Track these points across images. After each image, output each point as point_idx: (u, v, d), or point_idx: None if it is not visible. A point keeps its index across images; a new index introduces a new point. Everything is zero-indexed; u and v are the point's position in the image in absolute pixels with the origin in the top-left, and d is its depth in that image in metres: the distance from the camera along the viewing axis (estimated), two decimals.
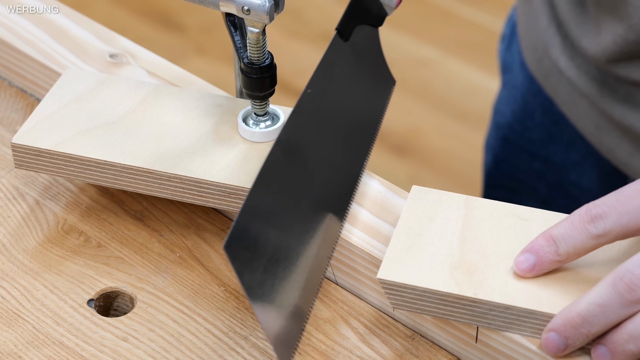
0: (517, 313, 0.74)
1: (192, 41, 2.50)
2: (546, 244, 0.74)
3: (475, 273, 0.75)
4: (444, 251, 0.77)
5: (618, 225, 0.71)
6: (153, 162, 0.84)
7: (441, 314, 0.76)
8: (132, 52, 0.97)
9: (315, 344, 0.79)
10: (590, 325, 0.71)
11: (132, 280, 0.84)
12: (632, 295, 0.69)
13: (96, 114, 0.87)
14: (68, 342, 0.79)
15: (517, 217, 0.79)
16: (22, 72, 0.98)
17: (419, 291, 0.75)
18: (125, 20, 2.54)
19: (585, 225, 0.72)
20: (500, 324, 0.75)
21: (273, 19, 0.80)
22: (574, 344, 0.72)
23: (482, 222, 0.79)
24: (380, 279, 0.75)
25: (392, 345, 0.79)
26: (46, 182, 0.91)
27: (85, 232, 0.87)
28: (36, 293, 0.82)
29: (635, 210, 0.71)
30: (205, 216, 0.88)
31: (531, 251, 0.74)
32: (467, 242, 0.77)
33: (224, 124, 0.87)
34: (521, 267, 0.74)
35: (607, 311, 0.70)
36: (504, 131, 1.20)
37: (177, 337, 0.80)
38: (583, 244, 0.72)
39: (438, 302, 0.75)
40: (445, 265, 0.76)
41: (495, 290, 0.74)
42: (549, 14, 1.07)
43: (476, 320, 0.75)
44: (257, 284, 0.70)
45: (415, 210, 0.80)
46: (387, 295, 0.76)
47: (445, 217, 0.79)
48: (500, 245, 0.77)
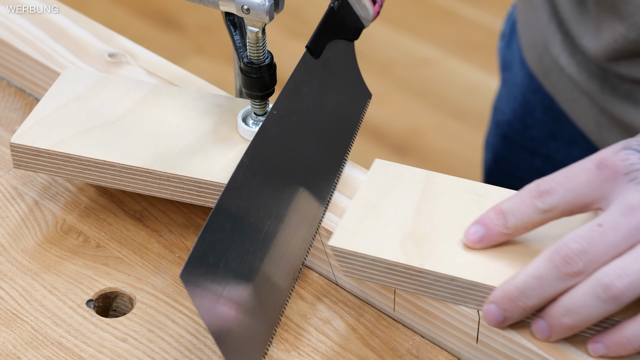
0: (462, 285, 0.75)
1: (192, 41, 2.50)
2: (495, 217, 0.75)
3: (425, 245, 0.77)
4: (398, 222, 0.78)
5: (563, 201, 0.72)
6: (152, 162, 0.83)
7: (389, 283, 0.77)
8: (132, 51, 0.97)
9: (315, 344, 0.79)
10: (527, 298, 0.72)
11: (131, 280, 0.83)
12: (567, 268, 0.70)
13: (95, 114, 0.87)
14: (67, 343, 0.79)
15: (474, 193, 0.80)
16: (21, 72, 0.98)
17: (368, 259, 0.77)
18: (124, 20, 2.54)
19: (533, 200, 0.73)
20: (446, 295, 0.76)
21: (273, 18, 0.80)
22: (512, 316, 0.73)
23: (439, 196, 0.80)
24: (332, 246, 0.77)
25: (393, 346, 0.79)
26: (45, 182, 0.90)
27: (84, 233, 0.87)
28: (35, 293, 0.82)
29: (580, 187, 0.72)
30: (204, 216, 0.88)
31: (481, 223, 0.75)
32: (421, 215, 0.79)
33: (224, 124, 0.87)
34: (470, 238, 0.76)
35: (543, 284, 0.71)
36: (504, 129, 1.19)
37: (176, 337, 0.79)
38: (530, 218, 0.73)
39: (386, 271, 0.77)
40: (397, 236, 0.77)
41: (442, 262, 0.76)
42: (549, 11, 1.07)
43: (422, 291, 0.77)
44: (216, 314, 0.71)
45: (375, 182, 0.81)
46: (338, 262, 0.78)
47: (403, 190, 0.81)
48: (454, 219, 0.78)
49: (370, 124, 2.26)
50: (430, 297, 0.77)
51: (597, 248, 0.70)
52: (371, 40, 2.34)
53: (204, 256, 0.71)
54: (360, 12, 0.88)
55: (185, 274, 0.69)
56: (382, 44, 2.42)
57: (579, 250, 0.70)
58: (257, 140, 0.79)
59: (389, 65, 2.42)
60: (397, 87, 2.40)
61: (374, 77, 2.37)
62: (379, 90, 2.36)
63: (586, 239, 0.70)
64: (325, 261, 0.83)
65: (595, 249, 0.70)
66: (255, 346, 0.75)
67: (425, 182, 0.81)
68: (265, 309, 0.77)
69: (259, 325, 0.76)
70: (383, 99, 2.34)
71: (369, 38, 0.93)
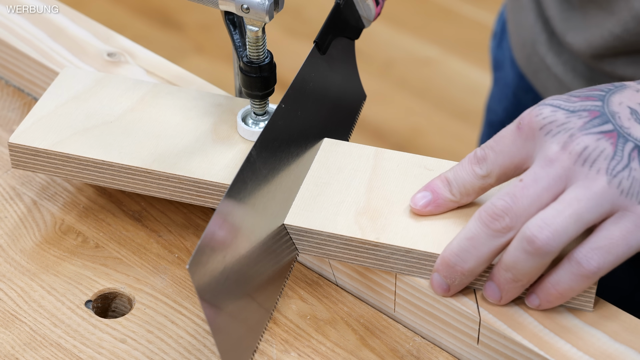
0: (417, 256, 0.77)
1: (191, 40, 2.50)
2: (441, 184, 0.78)
3: (379, 219, 0.79)
4: (350, 199, 0.80)
5: (497, 164, 0.75)
6: (151, 162, 0.83)
7: (346, 259, 0.79)
8: (131, 50, 0.97)
9: (315, 345, 0.79)
10: (463, 262, 0.74)
11: (130, 281, 0.83)
12: (495, 225, 0.73)
13: (94, 114, 0.87)
14: (66, 344, 0.79)
15: (423, 167, 0.83)
16: (19, 71, 0.98)
17: (324, 236, 0.79)
18: (123, 19, 2.54)
19: (472, 167, 0.76)
20: (402, 268, 0.78)
21: (273, 18, 0.80)
22: (454, 282, 0.75)
23: (389, 172, 0.82)
24: (287, 224, 0.79)
25: (393, 347, 0.79)
26: (43, 182, 0.90)
27: (83, 233, 0.87)
28: (33, 294, 0.82)
29: (507, 149, 0.75)
30: (204, 217, 0.88)
31: (428, 189, 0.79)
32: (373, 190, 0.81)
33: (223, 124, 0.87)
34: (418, 203, 0.78)
35: (476, 244, 0.73)
36: (496, 129, 1.20)
37: (175, 338, 0.79)
38: (472, 184, 0.77)
39: (343, 246, 0.78)
40: (351, 212, 0.79)
41: (397, 235, 0.78)
42: (535, 10, 1.07)
43: (379, 264, 0.78)
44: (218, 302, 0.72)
45: (326, 161, 0.83)
46: (294, 241, 0.80)
47: (354, 167, 0.83)
48: (405, 193, 0.81)
49: (371, 123, 2.26)
50: (384, 271, 0.78)
51: (521, 202, 0.72)
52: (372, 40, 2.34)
53: (211, 248, 0.71)
54: (362, 11, 0.89)
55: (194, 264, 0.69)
56: (382, 43, 2.42)
57: (504, 206, 0.72)
58: (265, 133, 0.79)
59: (390, 65, 2.42)
60: (398, 86, 2.39)
61: (374, 76, 2.36)
62: (379, 90, 2.36)
63: (509, 195, 0.73)
64: (325, 261, 0.83)
65: (519, 204, 0.72)
66: (248, 342, 0.76)
67: (375, 159, 0.83)
68: (262, 302, 0.78)
69: (255, 319, 0.77)
70: (383, 98, 2.33)
71: (370, 37, 0.93)
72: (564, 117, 0.73)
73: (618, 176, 0.71)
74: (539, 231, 0.71)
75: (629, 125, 0.73)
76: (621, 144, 0.72)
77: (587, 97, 0.75)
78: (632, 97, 0.75)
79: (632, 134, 0.73)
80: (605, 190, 0.71)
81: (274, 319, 0.80)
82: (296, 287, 0.83)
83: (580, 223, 0.71)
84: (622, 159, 0.72)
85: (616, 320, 0.76)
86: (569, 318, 0.76)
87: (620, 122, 0.73)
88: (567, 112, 0.74)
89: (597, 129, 0.73)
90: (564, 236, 0.71)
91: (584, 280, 0.72)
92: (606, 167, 0.71)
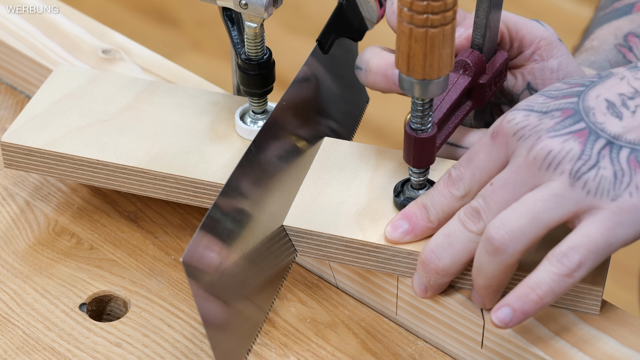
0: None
1: (188, 36, 2.49)
2: (418, 211, 0.77)
3: (381, 220, 0.78)
4: (351, 199, 0.80)
5: (474, 181, 0.76)
6: (147, 162, 0.83)
7: (347, 261, 0.79)
8: (126, 47, 0.97)
9: (315, 349, 0.78)
10: (437, 259, 0.75)
11: (125, 283, 0.83)
12: (469, 224, 0.74)
13: (88, 112, 0.87)
14: (59, 348, 0.78)
15: None
16: (12, 69, 0.97)
17: (325, 237, 0.78)
18: (118, 15, 2.53)
19: (449, 189, 0.76)
20: (405, 270, 0.77)
21: (271, 14, 0.80)
22: (429, 282, 0.76)
23: (391, 171, 0.82)
24: (286, 225, 0.78)
25: (395, 351, 0.79)
26: (37, 182, 0.90)
27: (77, 234, 0.86)
28: (26, 297, 0.82)
29: (482, 163, 0.75)
30: (201, 217, 0.88)
31: (404, 218, 0.78)
32: (374, 190, 0.80)
33: (221, 122, 0.86)
34: (394, 234, 0.77)
35: (451, 241, 0.74)
36: None
37: (172, 342, 0.79)
38: (450, 206, 0.76)
39: (343, 248, 0.78)
40: (352, 213, 0.79)
41: None
42: None
43: (381, 267, 0.78)
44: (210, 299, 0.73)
45: (326, 161, 0.83)
46: (294, 242, 0.79)
47: (355, 167, 0.82)
48: None
49: (372, 123, 2.25)
50: (386, 273, 0.78)
51: (491, 206, 0.73)
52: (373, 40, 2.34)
53: (207, 242, 0.72)
54: (365, 13, 0.89)
55: (189, 257, 0.70)
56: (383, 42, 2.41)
57: (476, 207, 0.74)
58: (265, 129, 0.80)
59: None
60: None
61: None
62: None
63: (482, 197, 0.74)
64: (326, 263, 0.82)
65: (489, 207, 0.73)
66: (242, 341, 0.76)
67: (376, 158, 0.83)
68: (257, 302, 0.78)
69: (250, 318, 0.77)
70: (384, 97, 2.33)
71: (370, 36, 0.93)
72: (536, 120, 0.73)
73: (582, 177, 0.71)
74: (495, 231, 0.71)
75: (604, 120, 0.73)
76: (591, 142, 0.72)
77: (565, 95, 0.75)
78: (613, 87, 0.74)
79: (606, 130, 0.72)
80: (567, 191, 0.71)
81: (273, 322, 0.80)
82: (295, 289, 0.82)
83: (537, 223, 0.71)
84: (589, 159, 0.71)
85: (623, 324, 0.76)
86: (575, 321, 0.76)
87: (594, 118, 0.73)
88: (540, 114, 0.74)
89: (567, 130, 0.72)
90: (520, 236, 0.71)
91: (565, 280, 0.71)
92: (570, 169, 0.71)
